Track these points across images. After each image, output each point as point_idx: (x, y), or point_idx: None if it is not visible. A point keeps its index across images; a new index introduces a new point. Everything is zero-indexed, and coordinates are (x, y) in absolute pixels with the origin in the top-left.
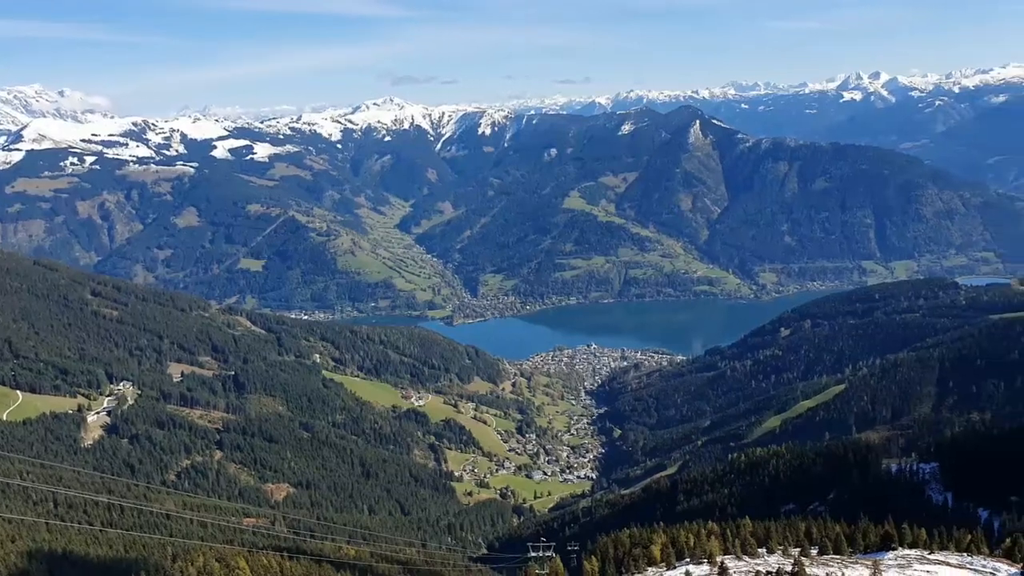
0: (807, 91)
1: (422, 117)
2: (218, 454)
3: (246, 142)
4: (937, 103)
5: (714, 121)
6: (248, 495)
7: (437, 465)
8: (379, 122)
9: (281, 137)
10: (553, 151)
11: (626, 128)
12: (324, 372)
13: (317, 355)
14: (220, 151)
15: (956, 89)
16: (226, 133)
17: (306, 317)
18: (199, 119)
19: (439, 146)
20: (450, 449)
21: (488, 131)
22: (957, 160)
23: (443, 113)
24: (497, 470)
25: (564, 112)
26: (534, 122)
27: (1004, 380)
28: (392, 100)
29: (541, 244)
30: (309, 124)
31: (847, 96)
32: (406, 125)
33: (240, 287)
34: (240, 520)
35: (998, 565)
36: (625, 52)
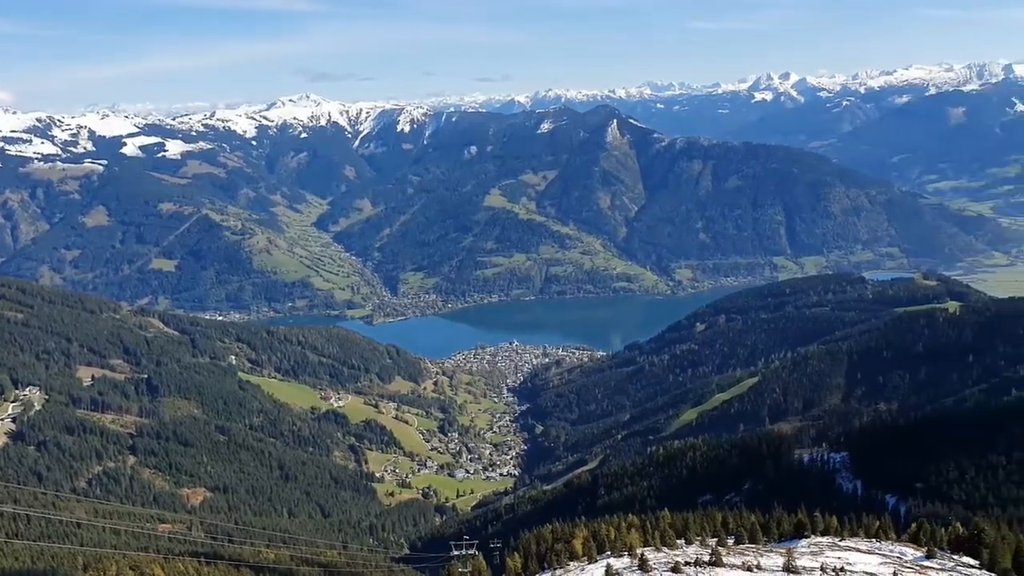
0: (720, 91)
1: (339, 114)
2: (131, 459)
3: (157, 139)
4: (844, 103)
5: (631, 121)
6: (163, 500)
7: (358, 466)
8: (295, 119)
9: (194, 134)
10: (473, 149)
11: (545, 127)
12: (240, 374)
13: (233, 357)
14: (130, 148)
15: (862, 90)
16: (136, 130)
17: (221, 318)
18: (108, 115)
19: (357, 143)
20: (371, 450)
21: (407, 128)
22: (863, 159)
23: (361, 110)
24: (419, 470)
25: (484, 110)
26: (454, 120)
27: (909, 371)
28: (309, 97)
29: (462, 242)
30: (223, 121)
31: (758, 96)
32: (323, 122)
33: (152, 288)
34: (155, 526)
35: (904, 549)
36: (544, 51)
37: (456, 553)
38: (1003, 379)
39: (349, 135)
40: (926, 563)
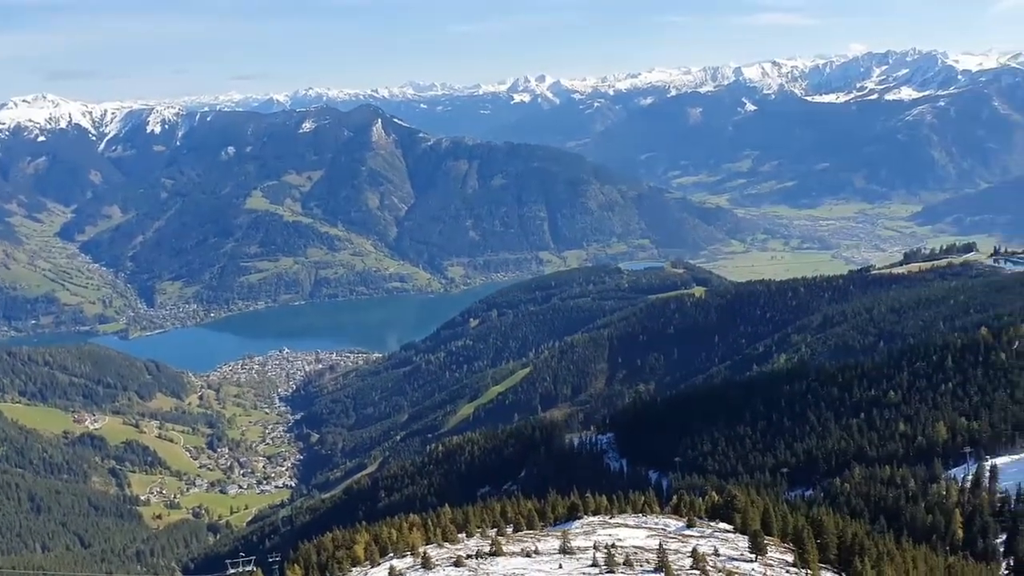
0: (481, 92)
1: (82, 115)
2: None
3: None
4: (595, 104)
5: (395, 120)
6: None
7: (120, 490)
8: (31, 121)
9: None
10: (231, 149)
11: (307, 126)
12: None
13: None
14: None
15: (611, 92)
16: None
17: None
18: None
19: (103, 146)
20: (134, 472)
21: (158, 129)
22: (615, 157)
23: (106, 111)
24: (188, 489)
25: (241, 109)
26: (208, 119)
27: (664, 353)
28: (45, 97)
29: (223, 247)
30: None
31: (517, 98)
32: (63, 124)
33: None
34: None
35: (668, 521)
36: (302, 48)
37: (232, 572)
38: (744, 356)
39: (94, 137)
40: (687, 532)
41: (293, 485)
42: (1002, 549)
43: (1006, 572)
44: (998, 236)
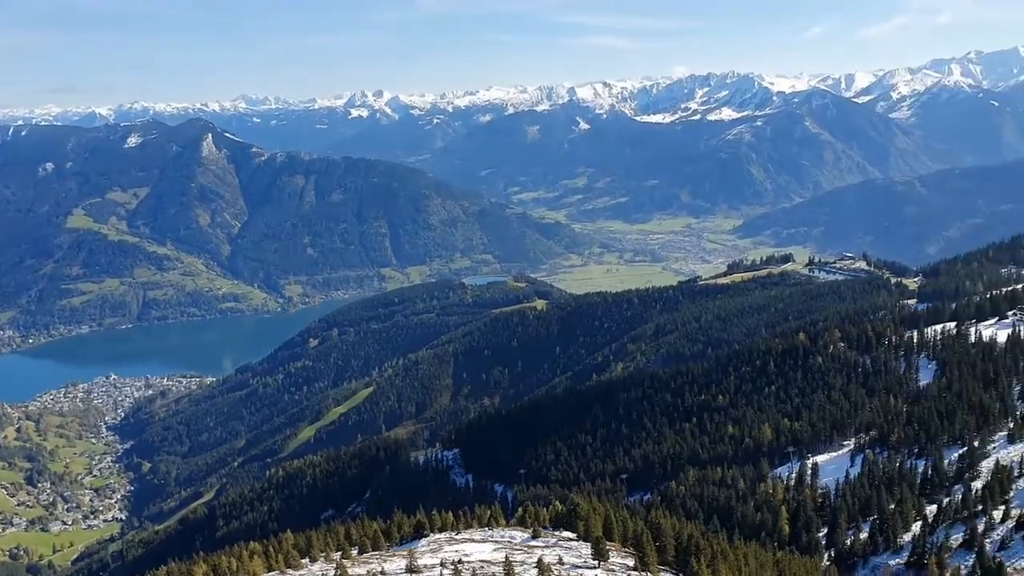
0: (317, 107)
1: None
2: None
3: None
4: (435, 120)
5: (227, 135)
6: None
7: None
8: None
9: None
10: (50, 165)
11: (133, 141)
12: None
13: None
14: None
15: (450, 108)
16: None
17: None
18: None
19: None
20: None
21: None
22: (456, 172)
23: None
24: (4, 529)
25: (60, 123)
26: (23, 133)
27: (508, 366)
28: None
29: (42, 269)
30: None
31: (355, 113)
32: None
33: None
34: None
35: (514, 533)
36: (126, 61)
37: None
38: (584, 366)
39: None
40: (533, 543)
41: (124, 518)
42: (824, 542)
43: (827, 564)
44: (812, 247)
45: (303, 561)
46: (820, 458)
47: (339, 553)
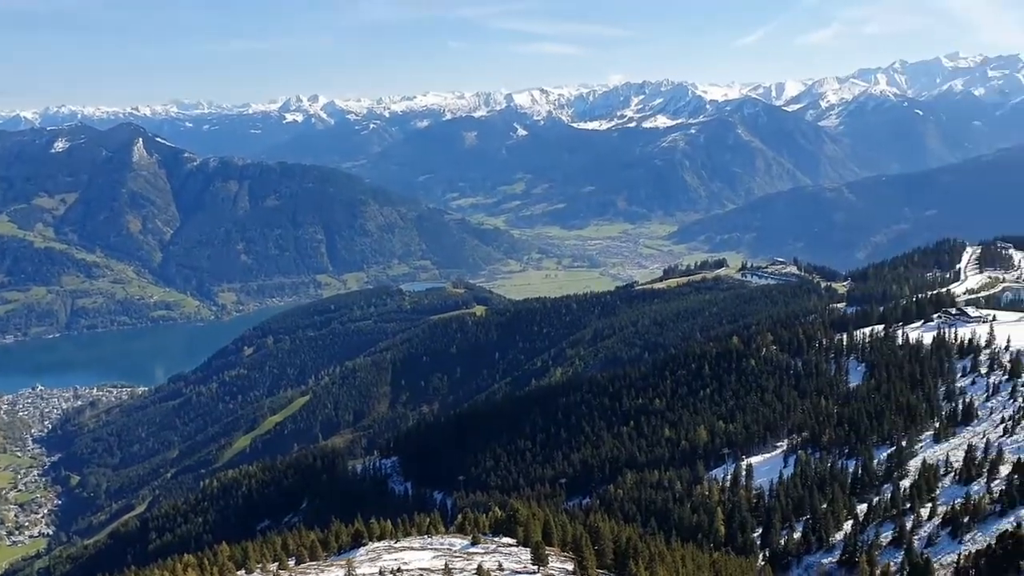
0: (251, 111)
1: None
2: None
3: None
4: (372, 126)
5: (158, 139)
6: None
7: None
8: None
9: None
10: None
11: (60, 145)
12: None
13: None
14: None
15: (387, 113)
16: None
17: None
18: None
19: None
20: None
21: None
22: (393, 178)
23: None
24: None
25: None
26: None
27: (447, 373)
28: None
29: None
30: None
31: (289, 118)
32: None
33: None
34: None
35: (454, 540)
36: (51, 63)
37: None
38: (524, 371)
39: None
40: (472, 549)
41: (51, 533)
42: (759, 543)
43: (762, 564)
44: (745, 252)
45: (239, 573)
46: (754, 459)
47: (276, 564)
